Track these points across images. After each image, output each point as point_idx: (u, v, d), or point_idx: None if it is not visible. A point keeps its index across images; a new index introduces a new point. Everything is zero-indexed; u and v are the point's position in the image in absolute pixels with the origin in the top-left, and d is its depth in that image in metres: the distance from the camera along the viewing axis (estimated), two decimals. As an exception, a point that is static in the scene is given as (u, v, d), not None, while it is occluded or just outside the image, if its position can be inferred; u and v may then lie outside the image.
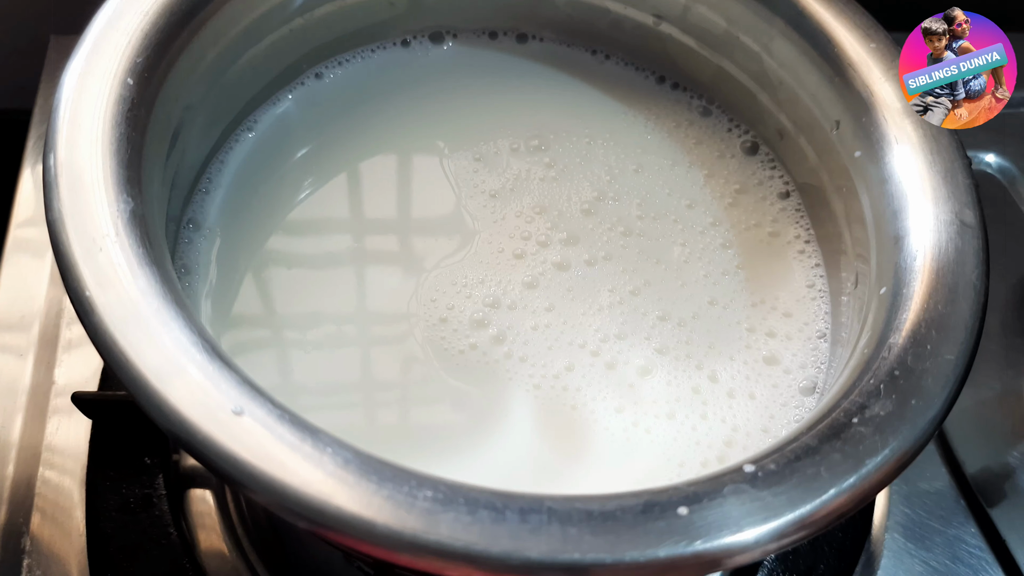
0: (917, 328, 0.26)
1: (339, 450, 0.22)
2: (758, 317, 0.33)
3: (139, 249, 0.24)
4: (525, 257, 0.34)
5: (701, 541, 0.21)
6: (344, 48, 0.38)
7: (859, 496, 0.23)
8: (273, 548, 0.36)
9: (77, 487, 0.37)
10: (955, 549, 0.41)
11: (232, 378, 0.22)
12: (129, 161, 0.26)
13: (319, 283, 0.33)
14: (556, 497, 0.22)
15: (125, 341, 0.23)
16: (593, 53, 0.40)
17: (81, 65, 0.27)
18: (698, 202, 0.36)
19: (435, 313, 0.32)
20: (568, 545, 0.21)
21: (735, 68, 0.36)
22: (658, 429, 0.31)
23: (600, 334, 0.32)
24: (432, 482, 0.22)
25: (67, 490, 0.37)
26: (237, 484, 0.21)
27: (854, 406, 0.25)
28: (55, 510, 0.37)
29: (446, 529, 0.21)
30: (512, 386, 0.31)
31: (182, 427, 0.22)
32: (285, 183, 0.35)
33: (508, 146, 0.37)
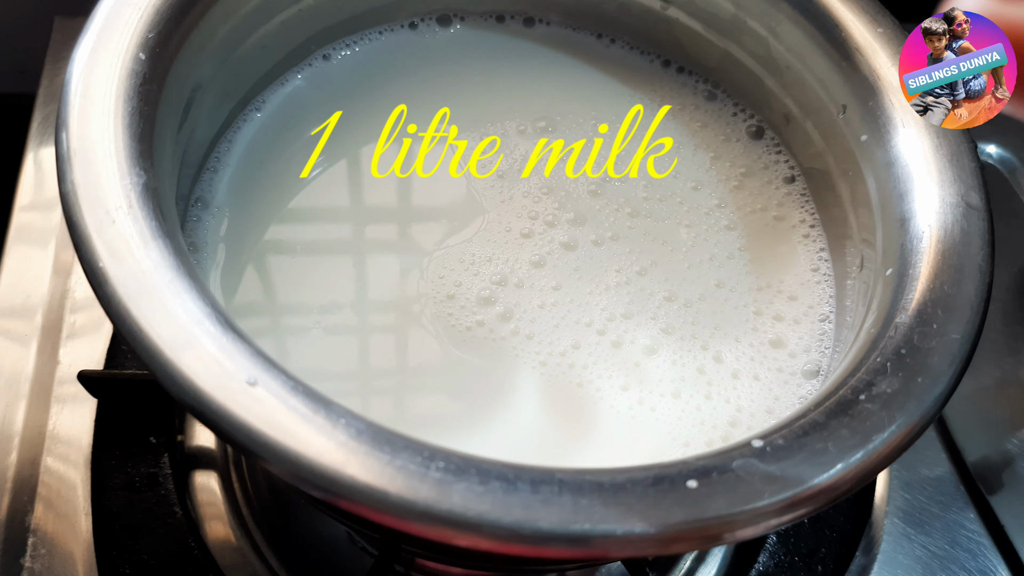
0: (923, 307, 0.26)
1: (352, 421, 0.22)
2: (765, 300, 0.33)
3: (152, 222, 0.24)
4: (532, 236, 0.34)
5: (710, 513, 0.21)
6: (353, 30, 0.38)
7: (866, 471, 0.23)
8: (277, 527, 0.36)
9: (81, 473, 0.37)
10: (954, 534, 0.41)
11: (245, 349, 0.23)
12: (141, 135, 0.26)
13: (327, 261, 0.33)
14: (567, 469, 0.22)
15: (138, 312, 0.23)
16: (599, 37, 0.40)
17: (93, 39, 0.27)
18: (704, 184, 0.36)
19: (443, 290, 0.33)
20: (579, 516, 0.21)
21: (742, 52, 0.37)
22: (663, 408, 0.31)
23: (606, 313, 0.33)
24: (444, 453, 0.22)
25: (70, 476, 0.37)
26: (251, 454, 0.21)
27: (861, 383, 0.25)
28: (59, 496, 0.37)
29: (459, 499, 0.21)
30: (519, 363, 0.31)
31: (196, 398, 0.22)
32: (293, 163, 0.35)
33: (515, 128, 0.37)
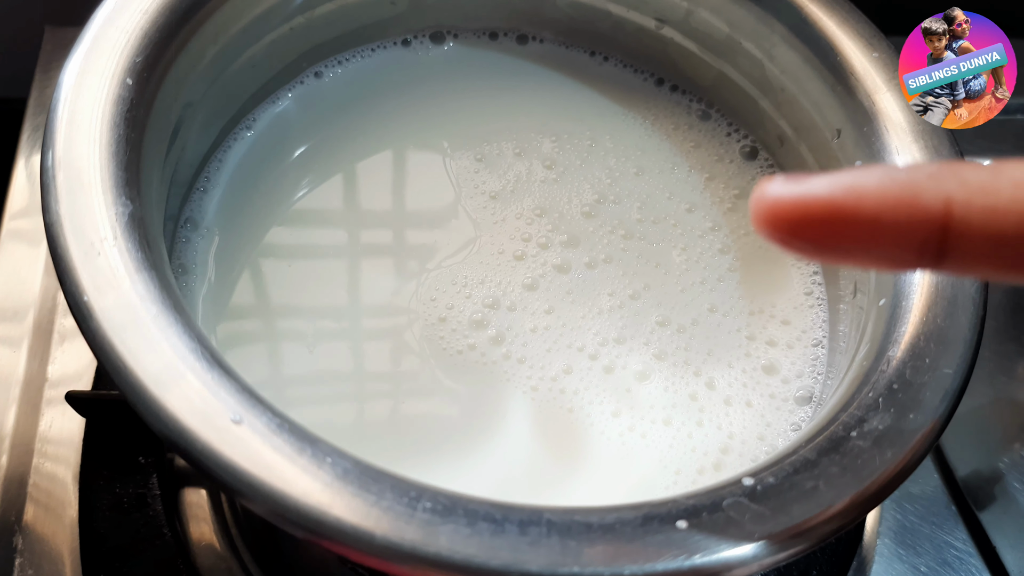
0: (916, 341, 0.26)
1: (338, 460, 0.22)
2: (758, 325, 0.33)
3: (138, 253, 0.24)
4: (525, 259, 0.34)
5: (700, 555, 0.21)
6: (344, 47, 0.37)
7: (857, 510, 0.23)
8: (268, 549, 0.36)
9: (71, 479, 0.37)
10: (944, 554, 0.41)
11: (231, 386, 0.22)
12: (128, 163, 0.25)
13: (319, 282, 0.33)
14: (555, 509, 0.22)
15: (123, 347, 0.22)
16: (592, 54, 0.40)
17: (79, 64, 0.27)
18: (698, 206, 0.36)
19: (434, 312, 0.32)
20: (567, 558, 0.21)
21: (736, 73, 0.36)
22: (654, 435, 0.31)
23: (599, 337, 0.32)
24: (431, 493, 0.22)
25: (61, 481, 0.37)
26: (235, 493, 0.21)
27: (853, 419, 0.25)
28: (49, 501, 0.37)
29: (445, 541, 0.21)
30: (510, 387, 0.31)
31: (180, 435, 0.21)
32: (284, 182, 0.35)
33: (508, 147, 0.37)
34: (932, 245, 0.16)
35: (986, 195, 0.16)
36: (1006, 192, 0.16)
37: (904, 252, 0.16)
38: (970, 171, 0.16)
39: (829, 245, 0.17)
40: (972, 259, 0.16)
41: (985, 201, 0.16)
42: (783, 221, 0.17)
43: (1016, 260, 0.16)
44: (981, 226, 0.16)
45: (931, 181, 0.16)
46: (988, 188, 0.16)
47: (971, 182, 0.16)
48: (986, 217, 0.16)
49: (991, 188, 0.16)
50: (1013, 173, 0.16)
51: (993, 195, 0.16)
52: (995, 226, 0.16)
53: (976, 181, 0.16)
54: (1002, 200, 0.16)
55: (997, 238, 0.16)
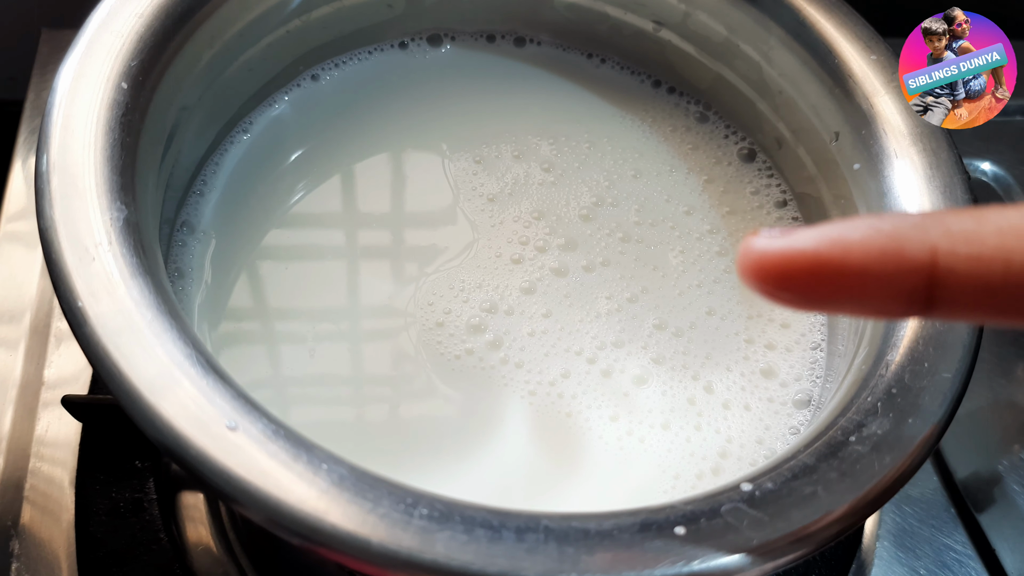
0: (915, 345, 0.26)
1: (334, 467, 0.21)
2: (756, 328, 0.33)
3: (133, 259, 0.24)
4: (523, 262, 0.34)
5: (698, 562, 0.21)
6: (341, 50, 0.37)
7: (855, 515, 0.23)
8: (266, 553, 0.36)
9: (68, 482, 0.37)
10: (943, 556, 0.41)
11: (226, 392, 0.22)
12: (123, 168, 0.25)
13: (315, 286, 0.33)
14: (553, 515, 0.22)
15: (118, 353, 0.22)
16: (589, 56, 0.40)
17: (74, 68, 0.27)
18: (696, 209, 0.36)
19: (432, 317, 0.32)
20: (564, 565, 0.21)
21: (734, 76, 0.36)
22: (652, 439, 0.31)
23: (597, 341, 0.32)
24: (428, 499, 0.22)
25: (58, 484, 0.37)
26: (231, 500, 0.21)
27: (851, 424, 0.24)
28: (45, 505, 0.37)
29: (442, 548, 0.21)
30: (507, 392, 0.31)
31: (175, 442, 0.21)
32: (281, 186, 0.35)
33: (506, 150, 0.37)
34: (920, 294, 0.16)
35: (970, 244, 0.16)
36: (990, 240, 0.16)
37: (892, 302, 0.17)
38: (954, 219, 0.16)
39: (817, 297, 0.17)
40: (961, 306, 0.16)
41: (969, 250, 0.16)
42: (770, 274, 0.17)
43: (1005, 306, 0.16)
44: (967, 275, 0.16)
45: (916, 231, 0.16)
46: (972, 237, 0.16)
47: (955, 231, 0.16)
48: (971, 266, 0.16)
49: (975, 237, 0.16)
50: (997, 220, 0.16)
51: (977, 244, 0.16)
52: (981, 274, 0.16)
53: (960, 230, 0.16)
54: (987, 249, 0.16)
55: (984, 286, 0.16)
